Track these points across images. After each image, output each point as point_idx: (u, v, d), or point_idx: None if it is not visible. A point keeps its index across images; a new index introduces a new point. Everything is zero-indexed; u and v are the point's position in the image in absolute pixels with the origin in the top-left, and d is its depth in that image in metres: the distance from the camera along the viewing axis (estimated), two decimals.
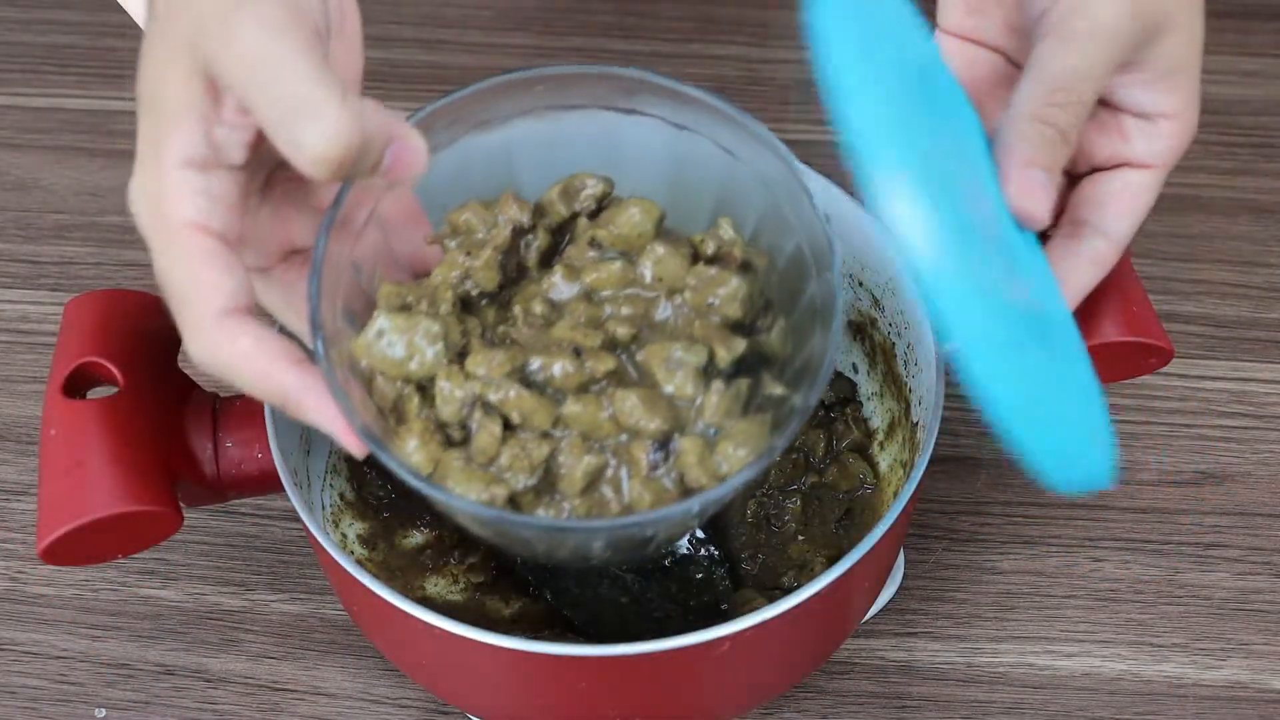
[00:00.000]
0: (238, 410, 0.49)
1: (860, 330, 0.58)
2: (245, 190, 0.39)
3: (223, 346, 0.37)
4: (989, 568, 0.59)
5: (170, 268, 0.37)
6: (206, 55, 0.36)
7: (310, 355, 0.38)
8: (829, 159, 0.41)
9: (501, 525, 0.39)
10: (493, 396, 0.38)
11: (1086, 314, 0.49)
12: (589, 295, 0.41)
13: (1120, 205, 0.44)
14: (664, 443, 0.39)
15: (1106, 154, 0.44)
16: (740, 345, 0.40)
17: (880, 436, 0.57)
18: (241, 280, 0.37)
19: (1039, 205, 0.40)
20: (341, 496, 0.56)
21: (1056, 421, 0.37)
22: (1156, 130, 0.44)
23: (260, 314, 0.39)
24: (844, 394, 0.58)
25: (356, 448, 0.37)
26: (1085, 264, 0.44)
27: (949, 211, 0.34)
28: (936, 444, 0.47)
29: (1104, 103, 0.44)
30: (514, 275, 0.43)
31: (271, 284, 0.41)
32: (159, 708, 0.55)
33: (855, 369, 0.59)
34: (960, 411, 0.64)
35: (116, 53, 0.80)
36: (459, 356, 0.40)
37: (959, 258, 0.34)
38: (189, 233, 0.37)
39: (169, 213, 0.37)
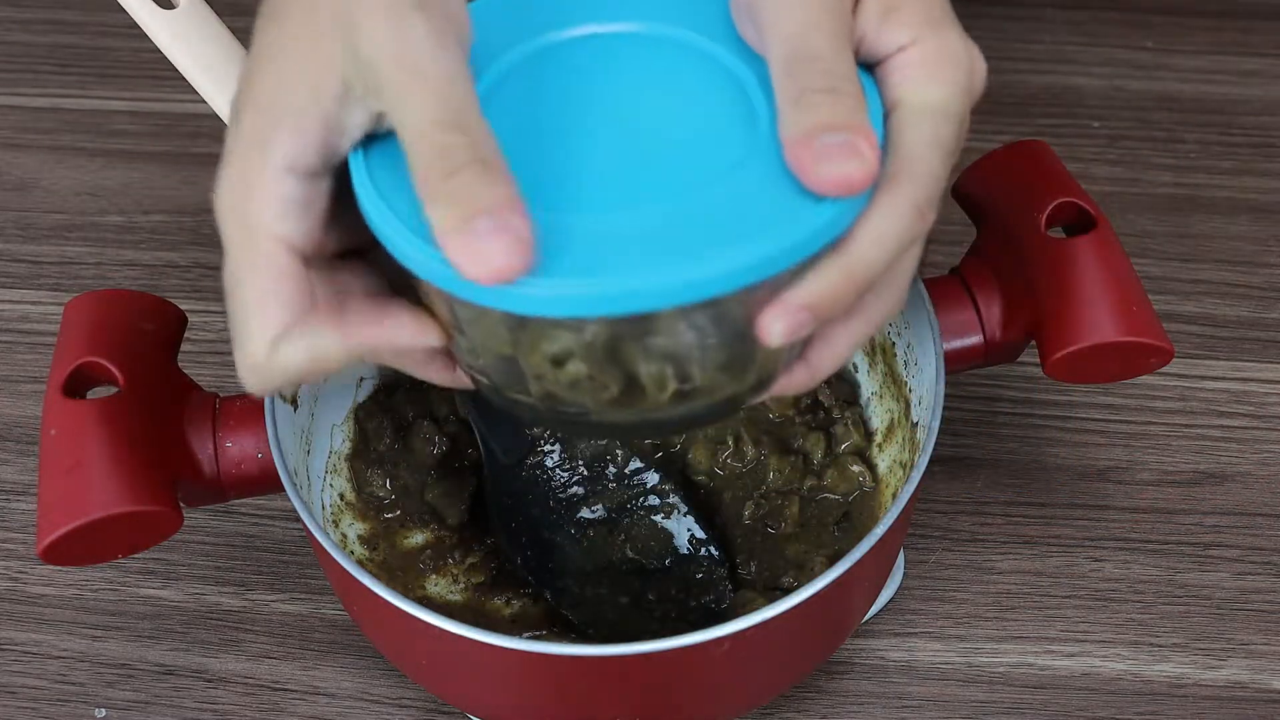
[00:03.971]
0: (238, 410, 0.49)
1: None
2: (339, 191, 0.38)
3: (287, 365, 0.37)
4: (989, 568, 0.59)
5: (241, 278, 0.37)
6: (360, 55, 0.35)
7: None
8: None
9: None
10: None
11: (1087, 313, 0.49)
12: None
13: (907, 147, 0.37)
14: None
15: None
16: None
17: (879, 438, 0.57)
18: (305, 304, 0.37)
19: (843, 171, 0.34)
20: (341, 496, 0.56)
21: None
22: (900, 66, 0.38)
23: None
24: (845, 396, 0.58)
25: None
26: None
27: None
28: (936, 444, 0.47)
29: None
30: None
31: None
32: (159, 708, 0.55)
33: (855, 368, 0.59)
34: (960, 411, 0.64)
35: (116, 53, 0.80)
36: None
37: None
38: (269, 243, 0.36)
39: (256, 219, 0.36)
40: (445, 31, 0.35)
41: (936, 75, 0.37)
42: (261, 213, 0.36)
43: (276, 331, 0.36)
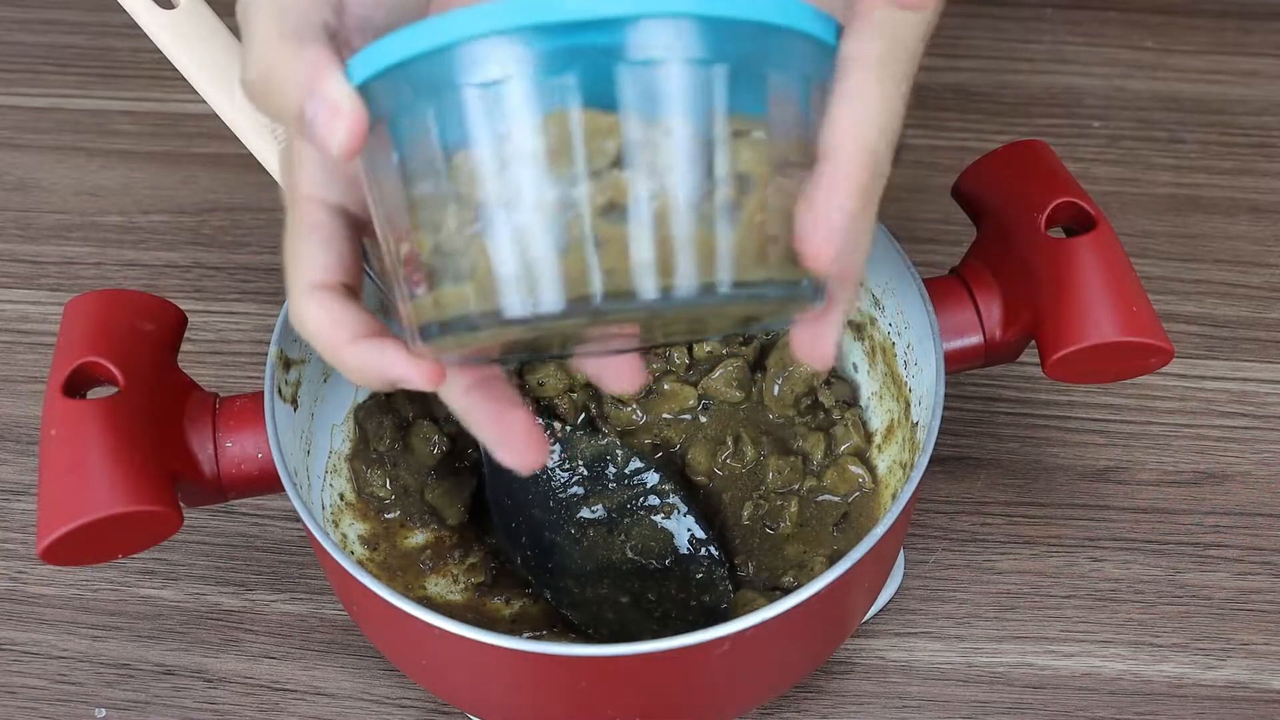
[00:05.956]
0: (238, 410, 0.49)
1: (860, 330, 0.58)
2: None
3: (306, 317, 0.38)
4: (989, 568, 0.59)
5: (286, 234, 0.39)
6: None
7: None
8: None
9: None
10: None
11: (1087, 313, 0.49)
12: None
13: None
14: None
15: None
16: None
17: (879, 439, 0.57)
18: (341, 255, 0.38)
19: None
20: (341, 496, 0.56)
21: None
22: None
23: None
24: (845, 398, 0.58)
25: (433, 377, 0.38)
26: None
27: None
28: (936, 444, 0.47)
29: None
30: None
31: None
32: (159, 708, 0.55)
33: (855, 368, 0.59)
34: (960, 411, 0.64)
35: (116, 53, 0.80)
36: None
37: None
38: (305, 203, 0.38)
39: (295, 182, 0.38)
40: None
41: None
42: (298, 177, 0.38)
43: (308, 281, 0.38)
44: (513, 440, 0.40)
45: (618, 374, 0.42)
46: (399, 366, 0.37)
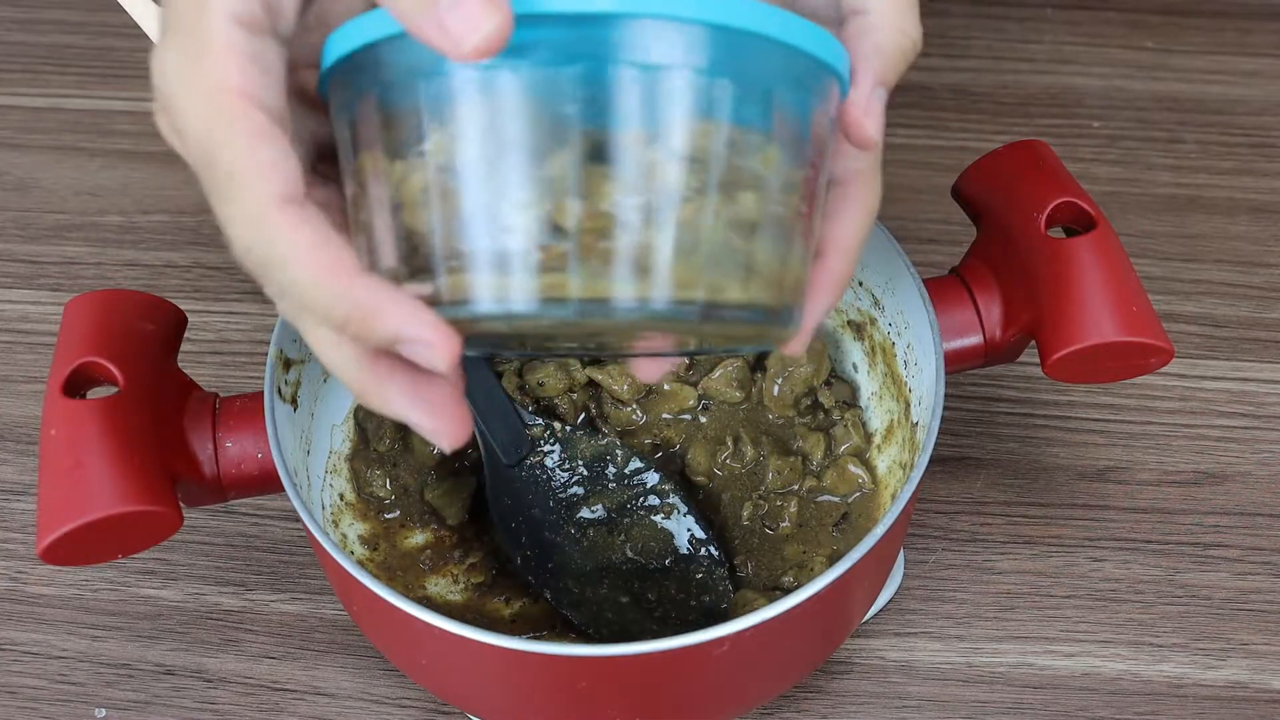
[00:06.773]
0: (238, 410, 0.49)
1: (860, 330, 0.58)
2: (288, 74, 0.34)
3: (282, 235, 0.31)
4: (989, 568, 0.59)
5: (216, 141, 0.31)
6: None
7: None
8: None
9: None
10: None
11: (1087, 313, 0.49)
12: None
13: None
14: None
15: None
16: None
17: (879, 439, 0.57)
18: (299, 166, 0.32)
19: (879, 129, 0.35)
20: (341, 496, 0.56)
21: None
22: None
23: None
24: (845, 398, 0.58)
25: (453, 350, 0.31)
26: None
27: None
28: (936, 444, 0.47)
29: None
30: None
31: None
32: (159, 708, 0.55)
33: (855, 369, 0.59)
34: (960, 411, 0.64)
35: (116, 53, 0.80)
36: None
37: None
38: (241, 103, 0.31)
39: (215, 79, 0.31)
40: None
41: None
42: (221, 71, 0.31)
43: (276, 193, 0.31)
44: (439, 411, 0.35)
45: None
46: (418, 323, 0.31)
